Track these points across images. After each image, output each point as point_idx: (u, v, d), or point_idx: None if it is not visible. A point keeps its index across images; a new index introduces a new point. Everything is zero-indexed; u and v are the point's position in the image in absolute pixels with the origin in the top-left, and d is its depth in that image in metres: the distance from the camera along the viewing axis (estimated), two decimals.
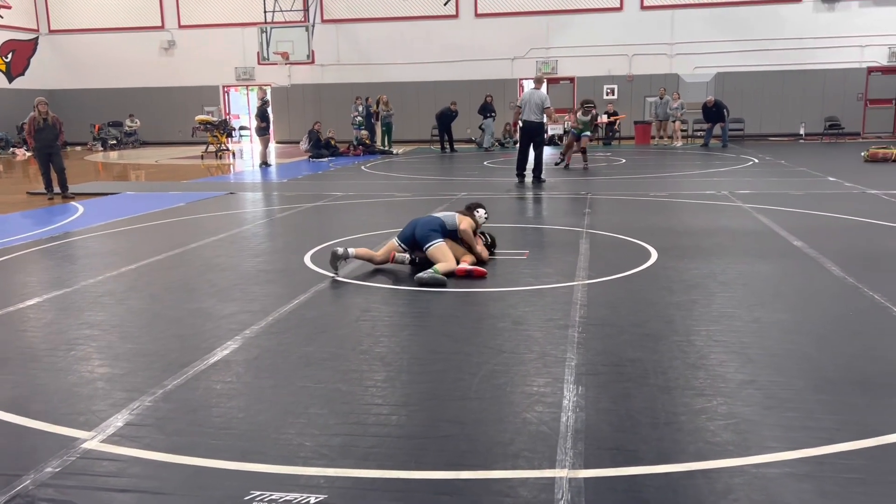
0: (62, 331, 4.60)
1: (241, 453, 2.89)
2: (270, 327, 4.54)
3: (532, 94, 12.27)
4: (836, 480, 2.60)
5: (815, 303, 4.90)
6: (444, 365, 3.84)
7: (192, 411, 3.31)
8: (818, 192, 10.43)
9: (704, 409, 3.22)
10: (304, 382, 3.64)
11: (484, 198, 10.42)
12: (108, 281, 5.90)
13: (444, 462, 2.80)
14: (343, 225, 8.54)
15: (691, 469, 2.71)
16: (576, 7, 23.64)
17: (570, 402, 3.31)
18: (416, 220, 6.14)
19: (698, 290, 5.21)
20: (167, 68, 26.24)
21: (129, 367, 3.91)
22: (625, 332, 4.31)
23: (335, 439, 3.00)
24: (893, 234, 7.26)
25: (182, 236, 7.90)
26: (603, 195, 10.56)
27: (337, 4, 25.01)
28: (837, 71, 22.54)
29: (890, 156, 14.53)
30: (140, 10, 26.16)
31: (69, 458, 2.88)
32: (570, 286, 5.37)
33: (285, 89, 25.76)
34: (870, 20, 22.20)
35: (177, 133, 25.92)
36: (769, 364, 3.75)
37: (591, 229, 7.71)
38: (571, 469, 2.72)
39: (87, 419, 3.25)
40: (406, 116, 23.94)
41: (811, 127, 22.51)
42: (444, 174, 15.01)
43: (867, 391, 3.39)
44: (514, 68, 24.40)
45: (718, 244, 6.88)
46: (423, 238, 5.88)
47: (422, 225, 5.99)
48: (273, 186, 13.14)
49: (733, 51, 22.71)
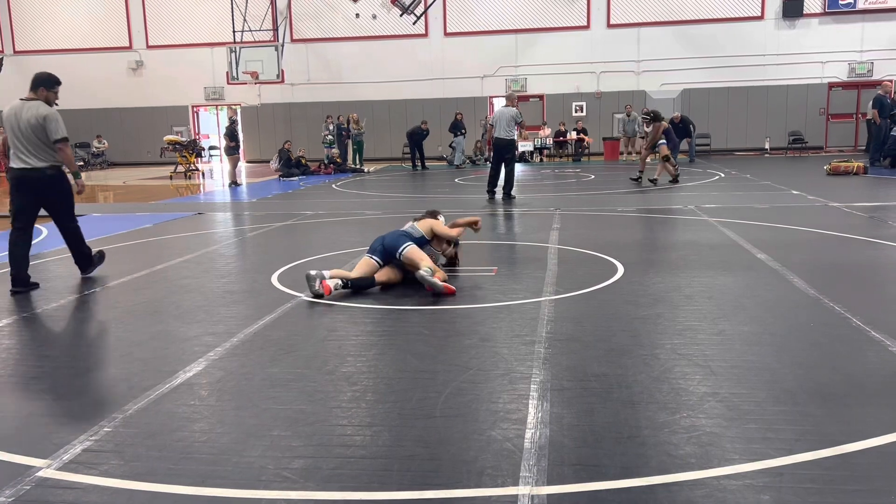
0: (21, 357, 4.51)
1: (202, 477, 2.85)
2: (235, 349, 4.49)
3: (503, 112, 12.37)
4: (794, 491, 2.63)
5: (777, 314, 4.97)
6: (409, 384, 3.82)
7: (152, 436, 3.26)
8: (782, 205, 10.62)
9: (667, 422, 3.24)
10: (268, 404, 3.60)
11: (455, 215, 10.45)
12: (70, 304, 5.80)
13: (408, 482, 2.79)
14: (313, 244, 8.51)
15: (653, 483, 2.72)
16: (544, 26, 23.94)
17: (534, 419, 3.31)
18: (380, 235, 6.20)
19: (663, 304, 5.26)
20: (135, 89, 26.05)
21: (89, 392, 3.85)
22: (590, 347, 4.33)
23: (298, 461, 2.97)
24: (854, 246, 7.40)
25: (148, 258, 7.81)
26: (571, 211, 10.65)
27: (306, 24, 25.06)
28: (800, 87, 23.06)
29: (851, 169, 14.86)
30: (107, 30, 25.99)
31: (23, 486, 2.82)
32: (538, 302, 5.39)
33: (255, 108, 25.70)
34: (829, 37, 22.78)
35: (145, 154, 25.71)
36: (731, 376, 3.79)
37: (560, 245, 7.77)
38: (535, 486, 2.72)
39: (44, 446, 3.18)
40: (377, 134, 24.00)
41: (776, 141, 22.96)
42: (415, 192, 15.04)
43: (826, 401, 3.44)
44: (484, 86, 24.61)
45: (684, 258, 6.96)
46: (393, 245, 5.93)
47: (389, 236, 6.07)
48: (243, 206, 13.06)
49: (699, 67, 23.14)
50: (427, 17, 23.84)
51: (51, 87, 6.48)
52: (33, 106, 6.32)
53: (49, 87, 6.47)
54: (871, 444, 2.97)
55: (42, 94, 6.42)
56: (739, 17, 23.07)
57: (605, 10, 23.65)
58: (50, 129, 6.27)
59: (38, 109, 6.29)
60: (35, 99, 6.38)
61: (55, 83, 6.53)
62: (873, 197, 11.50)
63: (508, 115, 12.22)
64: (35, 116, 6.25)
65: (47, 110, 6.33)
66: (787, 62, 22.93)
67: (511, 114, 12.21)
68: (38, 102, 6.37)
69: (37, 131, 6.26)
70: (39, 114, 6.26)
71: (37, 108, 6.29)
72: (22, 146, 6.29)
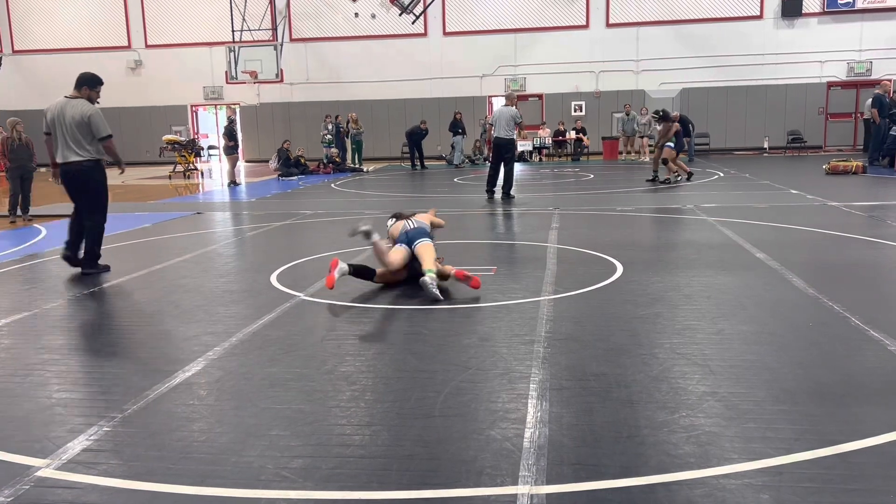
0: (19, 356, 4.51)
1: (201, 477, 2.85)
2: (234, 348, 4.49)
3: (502, 111, 12.38)
4: (793, 490, 2.63)
5: (776, 314, 4.97)
6: (408, 383, 3.82)
7: (151, 436, 3.26)
8: (781, 204, 10.62)
9: (666, 421, 3.24)
10: (267, 404, 3.60)
11: (454, 214, 10.46)
12: (68, 304, 5.80)
13: (407, 482, 2.79)
14: (312, 243, 8.51)
15: (652, 482, 2.72)
16: (543, 25, 23.94)
17: (534, 418, 3.31)
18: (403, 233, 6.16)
19: (662, 303, 5.26)
20: (134, 88, 26.02)
21: (88, 392, 3.84)
22: (589, 347, 4.34)
23: (297, 461, 2.97)
24: (853, 245, 7.41)
25: (147, 258, 7.80)
26: (571, 210, 10.65)
27: (305, 23, 25.05)
28: (799, 86, 23.06)
29: (850, 168, 14.87)
30: (106, 29, 25.97)
31: (22, 486, 2.82)
32: (537, 301, 5.39)
33: (254, 108, 25.68)
34: (828, 37, 22.78)
35: (144, 153, 25.67)
36: (730, 375, 3.79)
37: (559, 244, 7.77)
38: (534, 485, 2.72)
39: (43, 446, 3.17)
40: (376, 134, 24.00)
41: (775, 141, 22.97)
42: (414, 191, 15.03)
43: (825, 401, 3.44)
44: (483, 86, 24.60)
45: (683, 257, 6.96)
46: (415, 237, 5.94)
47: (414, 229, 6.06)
48: (242, 206, 13.05)
49: (698, 67, 23.14)
50: (426, 16, 23.84)
51: (93, 86, 6.93)
52: (78, 104, 6.75)
53: (92, 86, 6.91)
54: (869, 443, 2.98)
55: (85, 93, 6.86)
56: (738, 17, 23.07)
57: (605, 10, 23.65)
58: (95, 127, 6.74)
59: (83, 108, 6.72)
60: (79, 97, 6.80)
61: (98, 83, 6.97)
62: (872, 196, 11.51)
63: (508, 114, 12.23)
64: (80, 114, 6.68)
65: (91, 109, 6.76)
66: (786, 61, 22.94)
67: (511, 113, 12.21)
68: (82, 101, 6.80)
69: (80, 128, 6.69)
70: (84, 112, 6.69)
71: (81, 107, 6.73)
72: (65, 142, 6.74)
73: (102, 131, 6.78)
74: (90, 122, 6.69)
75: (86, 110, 6.71)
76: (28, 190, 11.50)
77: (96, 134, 6.75)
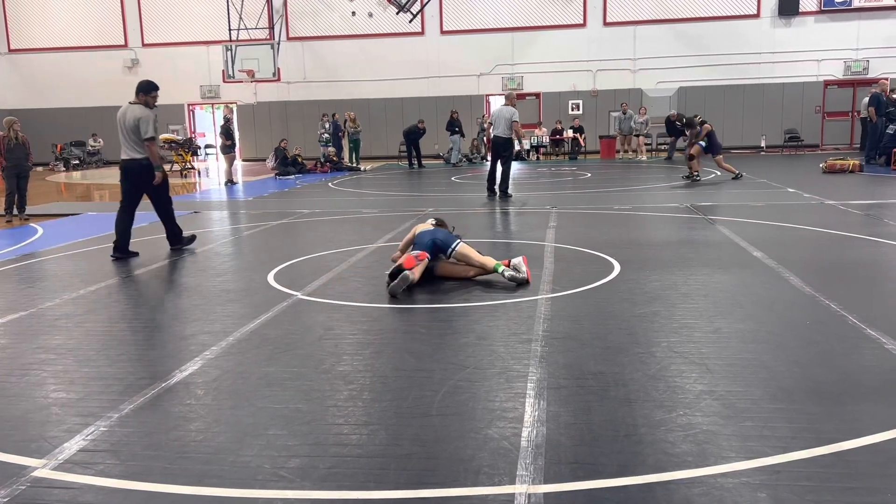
0: (16, 355, 4.50)
1: (198, 477, 2.84)
2: (231, 348, 4.48)
3: (501, 111, 12.45)
4: (791, 489, 2.64)
5: (773, 312, 4.97)
6: (406, 382, 3.82)
7: (149, 435, 3.25)
8: (778, 203, 10.63)
9: (664, 420, 3.24)
10: (265, 403, 3.59)
11: (452, 213, 10.46)
12: (65, 304, 5.78)
13: (404, 481, 2.78)
14: (309, 242, 8.50)
15: (650, 481, 2.72)
16: (540, 24, 23.93)
17: (531, 417, 3.31)
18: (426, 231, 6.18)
19: (660, 302, 5.27)
20: (131, 87, 25.57)
21: (84, 392, 3.83)
22: (587, 346, 4.33)
23: (294, 460, 2.97)
24: (850, 243, 7.42)
25: (143, 257, 7.79)
26: (568, 209, 10.65)
27: (303, 22, 25.03)
28: (796, 84, 23.09)
29: (847, 167, 14.88)
30: (102, 28, 25.91)
31: (18, 486, 2.81)
32: (535, 300, 5.39)
33: (251, 107, 25.65)
34: (825, 35, 22.81)
35: None
36: (727, 374, 3.79)
37: (556, 243, 7.77)
38: (532, 484, 2.72)
39: (40, 446, 3.17)
40: (373, 133, 23.98)
41: (772, 139, 23.00)
42: (411, 190, 15.03)
43: (822, 399, 3.44)
44: (481, 84, 24.59)
45: (680, 256, 6.96)
46: (445, 242, 6.02)
47: (440, 233, 6.13)
48: (239, 205, 13.03)
49: (695, 65, 23.15)
50: (423, 15, 23.82)
51: (148, 92, 7.80)
52: (135, 108, 7.68)
53: (146, 92, 7.79)
54: (867, 441, 2.98)
55: (142, 99, 7.75)
56: (735, 16, 23.09)
57: (602, 9, 23.65)
58: (141, 128, 7.59)
59: (136, 111, 7.64)
60: (137, 102, 7.72)
61: (152, 88, 7.84)
62: (869, 195, 11.53)
63: (507, 114, 12.28)
64: (134, 117, 7.61)
65: (143, 112, 7.64)
66: (783, 60, 22.96)
67: (509, 113, 12.27)
68: (139, 105, 7.71)
69: (134, 129, 7.61)
70: (136, 115, 7.61)
71: (136, 111, 7.65)
72: (125, 141, 7.69)
73: (146, 133, 7.59)
74: (139, 124, 7.56)
75: (138, 114, 7.61)
76: (24, 189, 11.51)
77: (142, 134, 7.57)
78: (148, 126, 7.59)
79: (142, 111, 7.64)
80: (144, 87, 7.80)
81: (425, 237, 6.08)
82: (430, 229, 6.22)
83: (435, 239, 6.05)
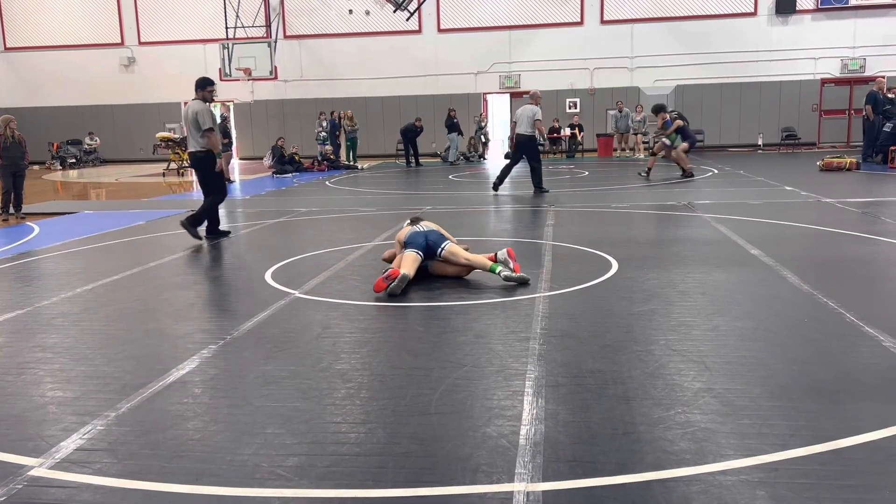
0: (13, 354, 4.48)
1: (195, 476, 2.84)
2: (228, 346, 4.47)
3: (524, 109, 12.62)
4: (789, 486, 2.63)
5: (771, 310, 4.98)
6: (404, 380, 3.81)
7: (146, 434, 3.24)
8: (775, 201, 10.64)
9: (662, 418, 3.24)
10: (262, 402, 3.58)
11: (449, 211, 10.46)
12: (62, 302, 5.77)
13: (402, 479, 2.78)
14: (306, 241, 8.48)
15: (648, 479, 2.72)
16: (537, 22, 23.92)
17: (529, 415, 3.31)
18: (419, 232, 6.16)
19: (658, 300, 5.26)
20: (127, 85, 25.92)
21: (81, 391, 3.82)
22: (585, 344, 4.33)
23: (292, 459, 2.96)
24: (847, 241, 7.42)
25: (140, 255, 7.77)
26: (566, 207, 10.65)
27: (299, 20, 24.98)
28: (793, 83, 23.10)
29: (844, 165, 14.90)
30: (99, 26, 25.84)
31: (15, 485, 2.80)
32: (533, 298, 5.39)
33: (248, 105, 25.61)
34: (822, 34, 22.82)
35: (138, 151, 25.61)
36: (725, 372, 3.79)
37: (554, 241, 7.76)
38: (530, 482, 2.71)
39: (36, 445, 3.16)
40: (371, 131, 23.95)
41: (769, 137, 23.01)
42: (409, 188, 15.02)
43: (820, 397, 3.44)
44: (478, 83, 24.57)
45: (678, 254, 6.96)
46: (436, 243, 6.02)
47: (431, 234, 6.12)
48: (236, 203, 13.01)
49: (692, 63, 23.15)
50: (420, 13, 23.79)
51: (203, 87, 8.45)
52: (194, 104, 8.41)
53: (202, 87, 8.44)
54: (865, 439, 2.98)
55: (199, 94, 8.42)
56: (732, 14, 23.10)
57: (599, 7, 23.64)
58: (199, 121, 8.27)
59: (195, 106, 8.37)
60: (196, 98, 8.42)
61: (207, 84, 8.47)
62: (866, 193, 11.54)
63: (529, 112, 12.45)
64: (193, 112, 8.33)
65: (200, 107, 8.35)
66: (780, 58, 22.97)
67: (531, 111, 12.44)
68: (197, 100, 8.40)
69: (193, 123, 8.32)
70: (195, 109, 8.34)
71: (194, 105, 8.39)
72: (189, 135, 8.49)
73: (204, 124, 8.27)
74: (197, 117, 8.24)
75: (196, 108, 8.32)
76: (21, 187, 11.48)
77: (201, 126, 8.25)
78: (205, 118, 8.24)
79: (199, 105, 8.31)
80: (200, 83, 8.43)
81: (419, 237, 6.07)
82: (423, 230, 6.19)
83: (428, 239, 6.08)
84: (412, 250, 5.94)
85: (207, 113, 8.33)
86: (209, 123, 8.27)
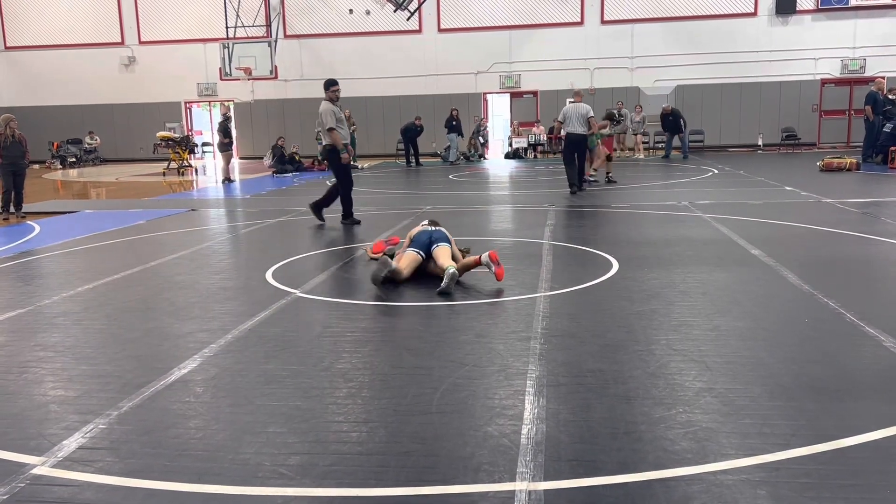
0: (14, 353, 4.49)
1: (198, 475, 2.84)
2: (230, 345, 4.47)
3: (576, 108, 12.65)
4: (790, 486, 2.64)
5: (772, 310, 4.98)
6: (405, 380, 3.82)
7: (148, 433, 3.24)
8: (776, 201, 10.64)
9: (663, 417, 3.25)
10: (264, 401, 3.59)
11: (449, 211, 10.47)
12: (63, 301, 5.77)
13: (404, 478, 2.78)
14: (307, 240, 8.49)
15: (649, 478, 2.72)
16: (537, 22, 23.91)
17: (531, 415, 3.31)
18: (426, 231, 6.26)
19: (658, 300, 5.27)
20: (128, 84, 25.91)
21: (83, 390, 3.83)
22: (586, 343, 4.34)
23: (294, 458, 2.96)
24: (848, 241, 7.43)
25: (141, 254, 7.77)
26: (565, 207, 10.65)
27: (300, 20, 24.98)
28: (793, 83, 23.10)
29: (843, 165, 14.91)
30: (99, 26, 25.82)
31: (18, 484, 2.80)
32: (533, 298, 5.39)
33: (248, 104, 25.60)
34: (822, 34, 22.82)
35: (138, 150, 25.60)
36: (726, 371, 3.80)
37: (554, 241, 7.77)
38: (531, 481, 2.72)
39: (39, 444, 3.16)
40: (371, 131, 23.95)
41: (769, 138, 23.00)
42: (409, 188, 15.02)
43: (821, 396, 3.45)
44: (479, 82, 24.57)
45: (678, 254, 6.97)
46: (437, 240, 6.12)
47: (436, 233, 6.22)
48: (236, 202, 13.01)
49: (692, 64, 23.15)
50: (421, 13, 23.79)
51: (327, 88, 9.29)
52: (322, 104, 9.18)
53: (326, 88, 9.29)
54: (866, 438, 2.99)
55: (326, 95, 9.24)
56: (733, 14, 23.10)
57: (599, 7, 23.64)
58: (321, 120, 9.16)
59: (321, 107, 9.19)
60: (324, 99, 9.20)
61: (330, 84, 9.30)
62: (866, 193, 11.54)
63: (582, 110, 12.55)
64: (320, 112, 9.20)
65: (324, 107, 9.15)
66: (780, 59, 22.97)
67: (584, 110, 12.53)
68: (324, 101, 9.18)
69: (319, 122, 9.31)
70: (320, 110, 9.17)
71: (321, 106, 9.17)
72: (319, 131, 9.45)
73: (325, 124, 9.08)
74: (320, 118, 9.10)
75: (321, 108, 9.13)
76: (21, 186, 11.48)
77: (323, 125, 9.10)
78: (326, 118, 8.99)
79: (324, 106, 9.06)
80: (325, 85, 9.28)
81: (424, 236, 6.19)
82: (430, 230, 6.28)
83: (431, 238, 6.17)
84: (413, 249, 6.09)
85: (328, 113, 9.00)
86: (330, 123, 8.97)
